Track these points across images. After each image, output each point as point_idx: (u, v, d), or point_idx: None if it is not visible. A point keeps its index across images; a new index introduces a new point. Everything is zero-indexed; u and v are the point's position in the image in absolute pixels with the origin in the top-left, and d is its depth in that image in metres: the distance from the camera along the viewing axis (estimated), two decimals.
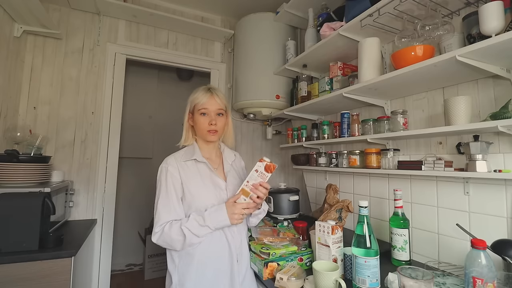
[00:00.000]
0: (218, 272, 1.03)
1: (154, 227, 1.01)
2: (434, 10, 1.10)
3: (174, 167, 1.07)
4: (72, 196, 1.84)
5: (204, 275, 1.01)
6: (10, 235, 1.18)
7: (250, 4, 2.23)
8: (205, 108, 1.09)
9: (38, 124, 1.84)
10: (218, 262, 1.03)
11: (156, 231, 1.00)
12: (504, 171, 0.94)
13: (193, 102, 1.12)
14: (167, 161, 1.09)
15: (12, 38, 1.66)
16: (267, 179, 1.02)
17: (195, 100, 1.11)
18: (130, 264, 3.20)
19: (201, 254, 1.02)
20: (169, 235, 0.98)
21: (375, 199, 1.52)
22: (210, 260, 1.02)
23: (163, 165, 1.09)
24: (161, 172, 1.07)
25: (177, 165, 1.08)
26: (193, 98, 1.13)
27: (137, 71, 3.26)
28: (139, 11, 1.99)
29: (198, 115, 1.10)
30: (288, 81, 2.11)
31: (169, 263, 1.06)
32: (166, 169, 1.07)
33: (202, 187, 1.07)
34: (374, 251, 0.88)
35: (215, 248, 1.03)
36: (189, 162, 1.10)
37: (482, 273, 0.75)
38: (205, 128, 1.10)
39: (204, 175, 1.10)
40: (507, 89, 1.01)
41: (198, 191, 1.06)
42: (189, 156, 1.11)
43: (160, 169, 1.08)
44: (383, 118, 1.36)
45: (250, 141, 2.52)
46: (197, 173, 1.09)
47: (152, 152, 3.36)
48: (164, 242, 1.01)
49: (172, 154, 1.13)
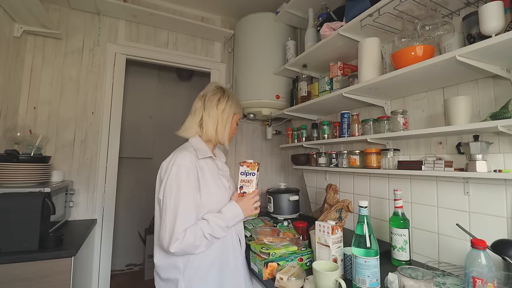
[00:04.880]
0: (223, 272, 1.03)
1: (174, 233, 0.90)
2: (434, 10, 1.10)
3: (194, 165, 1.00)
4: (72, 196, 1.84)
5: (210, 276, 1.00)
6: (10, 235, 1.18)
7: (250, 4, 2.23)
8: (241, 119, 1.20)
9: (38, 124, 1.84)
10: (223, 261, 1.04)
11: (178, 238, 0.90)
12: (504, 171, 0.94)
13: (238, 110, 1.17)
14: (186, 158, 0.98)
15: (12, 38, 1.66)
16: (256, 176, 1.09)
17: (240, 110, 1.19)
18: (130, 264, 3.20)
19: (208, 255, 1.00)
20: (191, 243, 0.92)
21: (375, 199, 1.52)
22: (216, 260, 1.02)
23: (181, 162, 0.97)
24: (180, 170, 0.96)
25: (196, 163, 1.01)
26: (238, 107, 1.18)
27: (137, 71, 3.26)
28: (139, 11, 1.99)
29: (235, 123, 1.18)
30: (288, 81, 2.11)
31: (170, 271, 0.98)
32: (186, 167, 0.97)
33: (215, 187, 1.06)
34: (374, 251, 0.88)
35: (222, 247, 1.04)
36: (203, 160, 1.06)
37: (482, 273, 0.75)
38: (231, 133, 1.17)
39: (216, 174, 1.10)
40: (507, 89, 1.01)
41: (213, 191, 1.04)
42: (204, 153, 1.06)
43: (178, 167, 0.96)
44: (383, 118, 1.36)
45: (250, 141, 2.52)
46: (210, 172, 1.07)
47: (152, 152, 3.36)
48: (184, 249, 0.93)
49: (185, 149, 1.03)
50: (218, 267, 1.02)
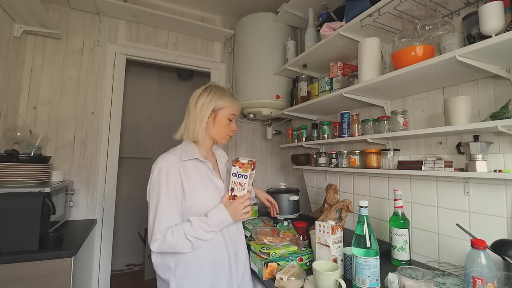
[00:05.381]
0: (217, 272, 1.01)
1: (153, 233, 0.94)
2: (434, 10, 1.10)
3: (175, 168, 1.01)
4: (72, 196, 1.84)
5: (202, 276, 0.99)
6: (10, 235, 1.18)
7: (250, 4, 2.23)
8: (235, 114, 1.12)
9: (38, 124, 1.84)
10: (216, 262, 1.02)
11: (157, 238, 0.93)
12: (504, 171, 0.94)
13: (223, 103, 1.09)
14: (167, 161, 1.01)
15: (12, 38, 1.66)
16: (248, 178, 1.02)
17: (227, 103, 1.10)
18: (130, 264, 3.20)
19: (200, 256, 0.99)
20: (171, 244, 0.93)
21: (375, 199, 1.52)
22: (208, 261, 1.00)
23: (162, 165, 1.01)
24: (161, 173, 0.99)
25: (177, 165, 1.02)
26: (223, 100, 1.09)
27: (137, 71, 3.26)
28: (139, 11, 1.99)
29: (225, 118, 1.10)
30: (288, 81, 2.11)
31: (162, 271, 1.00)
32: (166, 169, 0.99)
33: (203, 189, 1.04)
34: (374, 251, 0.88)
35: (213, 249, 1.01)
36: (189, 161, 1.05)
37: (482, 273, 0.75)
38: (227, 132, 1.12)
39: (204, 175, 1.07)
40: (507, 89, 1.01)
41: (200, 193, 1.02)
42: (189, 155, 1.06)
43: (159, 169, 1.00)
44: (383, 118, 1.36)
45: (250, 141, 2.52)
46: (198, 174, 1.05)
47: (152, 152, 3.36)
48: (165, 249, 0.96)
49: (169, 152, 1.06)
50: (211, 271, 1.00)
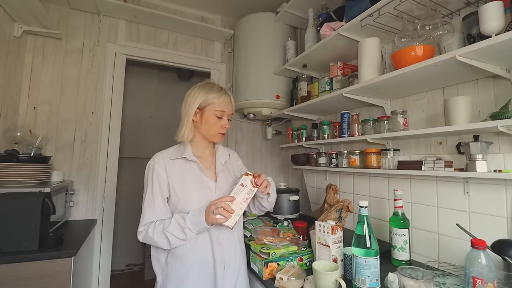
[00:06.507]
0: (201, 278, 0.99)
1: (138, 226, 1.01)
2: (434, 10, 1.10)
3: (161, 165, 1.04)
4: (72, 196, 1.84)
5: (187, 279, 0.97)
6: (10, 235, 1.18)
7: (250, 4, 2.23)
8: (223, 111, 1.07)
9: (38, 124, 1.83)
10: (201, 267, 0.99)
11: (140, 231, 1.00)
12: (504, 171, 0.94)
13: (208, 100, 1.06)
14: (154, 159, 1.06)
15: (12, 38, 1.66)
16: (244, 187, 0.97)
17: (212, 99, 1.06)
18: (130, 264, 3.20)
19: (185, 258, 0.98)
20: (151, 238, 0.97)
21: (375, 199, 1.52)
22: (193, 265, 0.98)
23: (150, 162, 1.06)
24: (148, 170, 1.05)
25: (164, 163, 1.05)
26: (208, 96, 1.06)
27: (137, 71, 3.26)
28: (139, 11, 1.99)
29: (212, 115, 1.06)
30: (288, 81, 2.11)
31: (155, 263, 1.05)
32: (153, 167, 1.04)
33: (188, 188, 1.03)
34: (374, 251, 0.88)
35: (198, 253, 0.99)
36: (177, 160, 1.07)
37: (482, 273, 0.75)
38: (217, 129, 1.08)
39: (193, 175, 1.05)
40: (507, 89, 1.01)
41: (184, 192, 1.02)
42: (178, 154, 1.07)
43: (148, 167, 1.06)
44: (383, 118, 1.36)
45: (250, 141, 2.52)
46: (185, 173, 1.05)
47: (152, 152, 3.29)
48: (148, 242, 1.00)
49: (161, 152, 1.10)
50: (198, 274, 0.98)
